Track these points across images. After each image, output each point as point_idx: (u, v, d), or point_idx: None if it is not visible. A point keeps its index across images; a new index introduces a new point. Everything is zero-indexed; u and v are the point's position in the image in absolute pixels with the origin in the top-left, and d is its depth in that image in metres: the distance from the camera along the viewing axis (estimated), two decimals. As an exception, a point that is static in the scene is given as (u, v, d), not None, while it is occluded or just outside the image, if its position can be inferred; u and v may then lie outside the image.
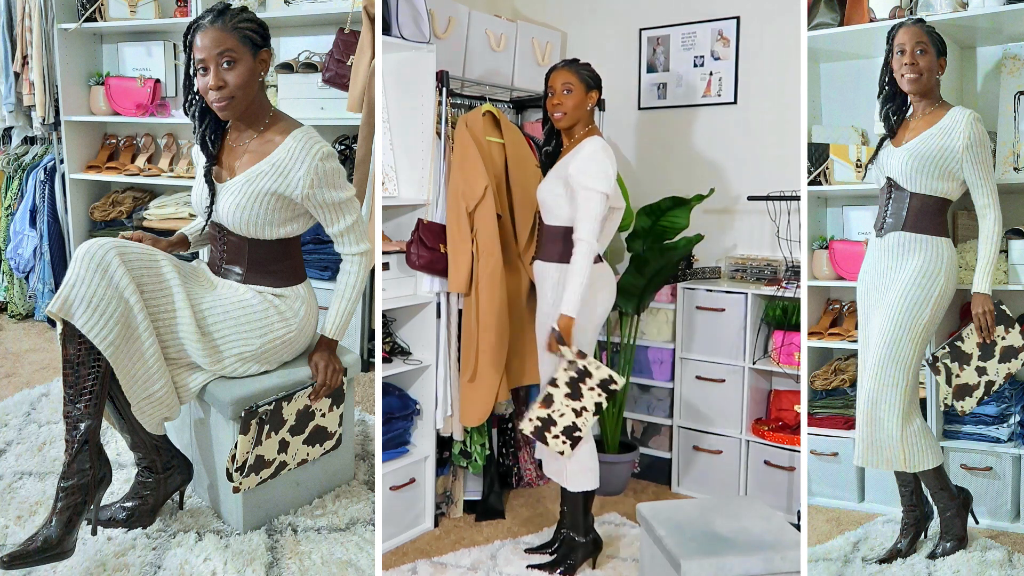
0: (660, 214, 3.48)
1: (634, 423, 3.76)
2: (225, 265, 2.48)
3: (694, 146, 3.83)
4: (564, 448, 2.71)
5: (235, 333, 2.38)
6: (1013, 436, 3.04)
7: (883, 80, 2.79)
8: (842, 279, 3.31)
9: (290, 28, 3.97)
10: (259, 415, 2.32)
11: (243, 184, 2.34)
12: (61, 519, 2.15)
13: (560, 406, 2.69)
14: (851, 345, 3.26)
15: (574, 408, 2.69)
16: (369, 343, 3.86)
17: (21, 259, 4.40)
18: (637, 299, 3.51)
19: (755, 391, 3.47)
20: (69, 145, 4.25)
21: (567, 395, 2.68)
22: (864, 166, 3.19)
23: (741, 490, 3.42)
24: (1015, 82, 3.09)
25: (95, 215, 4.33)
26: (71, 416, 2.19)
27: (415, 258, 2.97)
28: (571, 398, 2.68)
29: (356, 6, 3.42)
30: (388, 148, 3.10)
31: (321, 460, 2.62)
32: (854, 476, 3.30)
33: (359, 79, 3.20)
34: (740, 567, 2.24)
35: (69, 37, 4.15)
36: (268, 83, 3.72)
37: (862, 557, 2.86)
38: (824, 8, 3.29)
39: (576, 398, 2.68)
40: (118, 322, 2.17)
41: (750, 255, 3.66)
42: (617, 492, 3.52)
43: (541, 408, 2.70)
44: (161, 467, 2.45)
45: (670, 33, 3.84)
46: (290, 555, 2.39)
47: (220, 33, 2.26)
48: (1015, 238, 3.00)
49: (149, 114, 4.15)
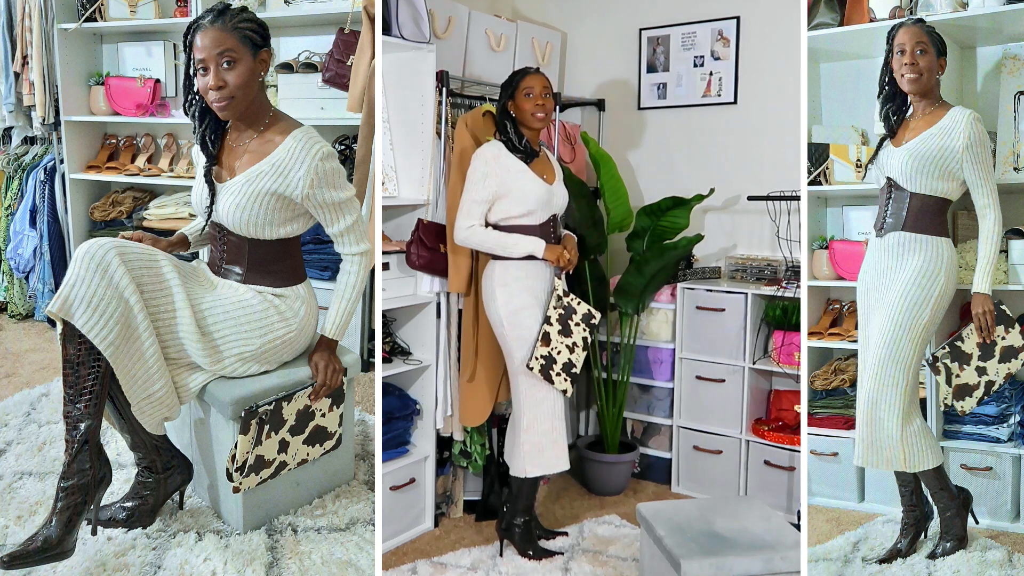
0: (660, 214, 3.49)
1: (634, 423, 3.76)
2: (225, 265, 2.48)
3: (694, 146, 3.83)
4: (566, 386, 2.85)
5: (235, 333, 2.38)
6: (1013, 436, 3.04)
7: (883, 80, 2.79)
8: (842, 279, 3.31)
9: (290, 28, 3.97)
10: (259, 415, 2.32)
11: (243, 184, 2.34)
12: (61, 519, 2.15)
13: (556, 343, 2.82)
14: (851, 345, 3.26)
15: (567, 344, 2.83)
16: (369, 343, 3.86)
17: (21, 259, 4.40)
18: (637, 299, 3.51)
19: (755, 391, 3.47)
20: (69, 145, 4.25)
21: (560, 331, 2.83)
22: (864, 166, 3.19)
23: (741, 490, 3.42)
24: (1015, 82, 3.09)
25: (95, 215, 4.33)
26: (71, 416, 2.19)
27: (415, 258, 2.97)
28: (563, 335, 2.83)
29: (356, 6, 3.42)
30: (388, 148, 3.10)
31: (321, 460, 2.62)
32: (854, 476, 3.30)
33: (359, 79, 3.20)
34: (740, 567, 2.24)
35: (69, 37, 4.15)
36: (268, 83, 3.72)
37: (862, 557, 2.86)
38: (824, 8, 3.29)
39: (567, 335, 2.83)
40: (118, 322, 2.17)
41: (750, 255, 3.66)
42: (617, 492, 3.52)
43: (542, 346, 2.82)
44: (161, 467, 2.45)
45: (670, 33, 3.84)
46: (290, 555, 2.39)
47: (220, 33, 2.26)
48: (1015, 238, 3.00)
49: (149, 114, 4.15)
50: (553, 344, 2.81)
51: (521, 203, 2.79)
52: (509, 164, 2.79)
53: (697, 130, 3.82)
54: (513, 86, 2.84)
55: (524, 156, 2.82)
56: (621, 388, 3.55)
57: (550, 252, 2.81)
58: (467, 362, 3.04)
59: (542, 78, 2.85)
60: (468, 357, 3.04)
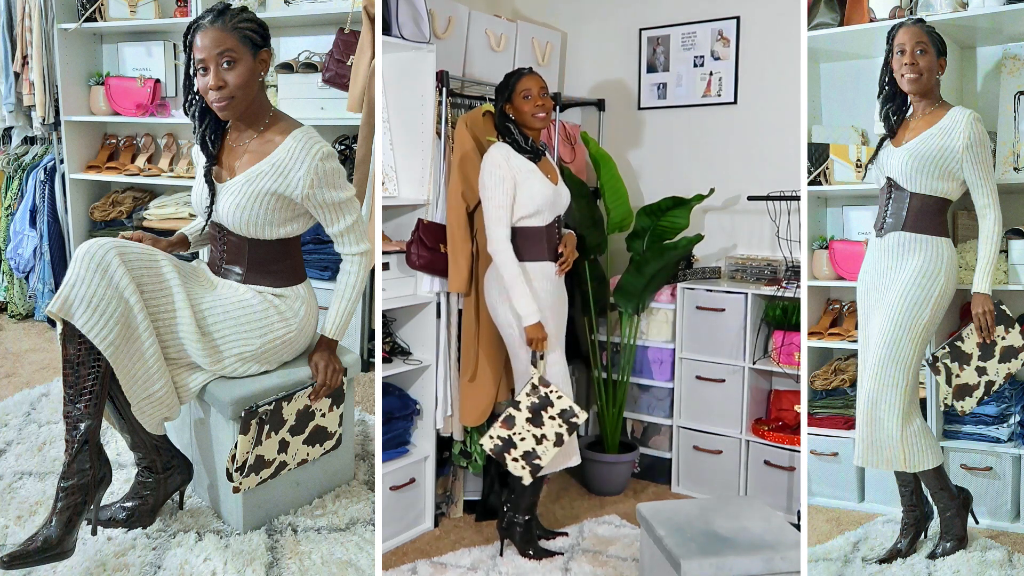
0: (660, 214, 3.49)
1: (634, 423, 3.76)
2: (225, 265, 2.48)
3: (694, 146, 3.83)
4: (523, 474, 2.78)
5: (235, 333, 2.38)
6: (1013, 436, 3.04)
7: (883, 80, 2.79)
8: (842, 279, 3.31)
9: (290, 28, 3.97)
10: (259, 415, 2.32)
11: (243, 184, 2.34)
12: (61, 519, 2.15)
13: (521, 429, 2.75)
14: (851, 345, 3.26)
15: (535, 435, 2.75)
16: (369, 343, 3.86)
17: (21, 259, 4.40)
18: (637, 299, 3.51)
19: (755, 391, 3.47)
20: (69, 145, 4.25)
21: (528, 419, 2.74)
22: (864, 166, 3.19)
23: (741, 490, 3.42)
24: (1015, 82, 3.09)
25: (95, 215, 4.33)
26: (71, 416, 2.18)
27: (415, 258, 2.97)
28: (532, 424, 2.75)
29: (356, 6, 3.42)
30: (388, 148, 3.10)
31: (321, 460, 2.62)
32: (854, 476, 3.30)
33: (359, 79, 3.20)
34: (740, 567, 2.24)
35: (69, 37, 4.15)
36: (268, 83, 3.72)
37: (862, 557, 2.86)
38: (824, 8, 3.29)
39: (538, 425, 2.75)
40: (118, 322, 2.17)
41: (750, 255, 3.66)
42: (617, 492, 3.52)
43: (502, 428, 2.76)
44: (161, 467, 2.45)
45: (670, 33, 3.84)
46: (290, 555, 2.39)
47: (220, 33, 2.25)
48: (1015, 238, 3.00)
49: (149, 114, 4.15)
50: (516, 429, 2.75)
51: (530, 204, 2.78)
52: (519, 165, 2.79)
53: (697, 130, 3.82)
54: (509, 89, 2.83)
55: (532, 156, 2.82)
56: (621, 388, 3.55)
57: (532, 331, 2.72)
58: (467, 362, 3.04)
59: (538, 78, 2.84)
60: (468, 357, 3.04)
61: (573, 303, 3.50)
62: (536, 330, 2.72)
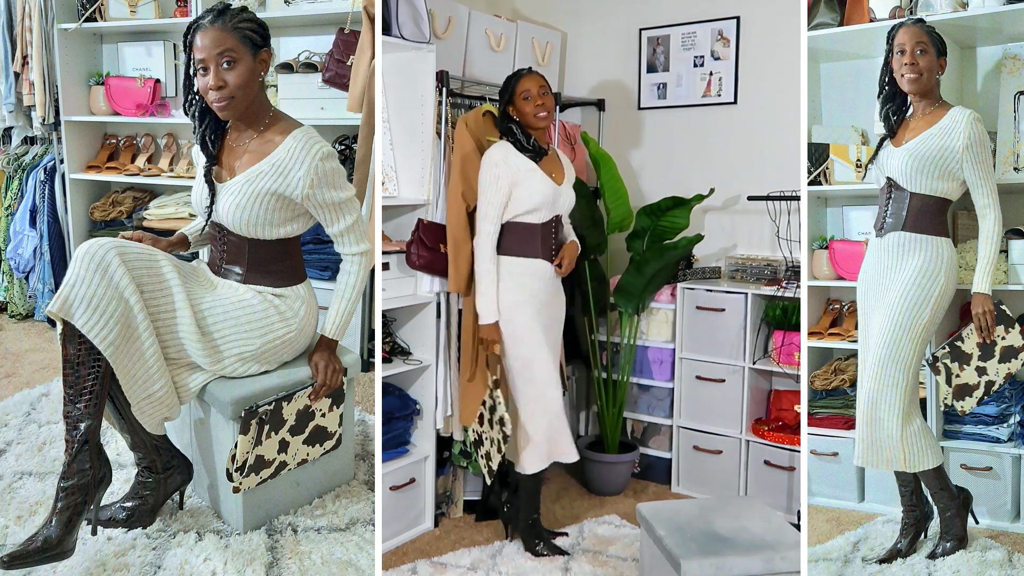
0: (660, 214, 3.49)
1: (634, 423, 3.76)
2: (225, 265, 2.48)
3: (694, 146, 3.83)
4: (485, 472, 2.84)
5: (235, 333, 2.38)
6: (1013, 436, 3.04)
7: (883, 80, 2.79)
8: (842, 279, 3.31)
9: (290, 28, 3.97)
10: (259, 415, 2.32)
11: (243, 184, 2.34)
12: (61, 519, 2.15)
13: (486, 429, 2.80)
14: (851, 345, 3.26)
15: (489, 437, 2.80)
16: (369, 343, 3.86)
17: (21, 259, 4.40)
18: (637, 299, 3.51)
19: (755, 391, 3.47)
20: (69, 145, 4.25)
21: (488, 421, 2.79)
22: (864, 166, 3.19)
23: (741, 490, 3.42)
24: (1015, 82, 3.09)
25: (95, 215, 4.33)
26: (71, 416, 2.19)
27: (415, 258, 2.97)
28: (489, 425, 2.79)
29: (356, 6, 3.42)
30: (388, 148, 3.10)
31: (321, 460, 2.62)
32: (854, 476, 3.30)
33: (359, 79, 3.20)
34: (740, 567, 2.24)
35: (69, 37, 4.15)
36: (268, 83, 3.72)
37: (862, 557, 2.86)
38: (824, 8, 3.29)
39: (491, 427, 2.79)
40: (118, 322, 2.17)
41: (750, 255, 3.66)
42: (617, 492, 3.52)
43: (476, 424, 2.83)
44: (161, 467, 2.45)
45: (670, 33, 3.84)
46: (290, 555, 2.39)
47: (220, 33, 2.26)
48: (1015, 238, 3.00)
49: (149, 114, 4.15)
50: (484, 428, 2.82)
51: (528, 201, 2.80)
52: (518, 164, 2.80)
53: (697, 130, 3.82)
54: (510, 91, 2.85)
55: (533, 155, 2.83)
56: (621, 388, 3.55)
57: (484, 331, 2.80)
58: (467, 362, 3.03)
59: (537, 78, 2.85)
60: (468, 357, 3.03)
61: (573, 303, 3.51)
62: (489, 331, 2.78)
